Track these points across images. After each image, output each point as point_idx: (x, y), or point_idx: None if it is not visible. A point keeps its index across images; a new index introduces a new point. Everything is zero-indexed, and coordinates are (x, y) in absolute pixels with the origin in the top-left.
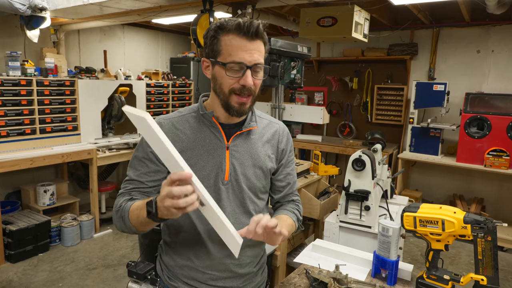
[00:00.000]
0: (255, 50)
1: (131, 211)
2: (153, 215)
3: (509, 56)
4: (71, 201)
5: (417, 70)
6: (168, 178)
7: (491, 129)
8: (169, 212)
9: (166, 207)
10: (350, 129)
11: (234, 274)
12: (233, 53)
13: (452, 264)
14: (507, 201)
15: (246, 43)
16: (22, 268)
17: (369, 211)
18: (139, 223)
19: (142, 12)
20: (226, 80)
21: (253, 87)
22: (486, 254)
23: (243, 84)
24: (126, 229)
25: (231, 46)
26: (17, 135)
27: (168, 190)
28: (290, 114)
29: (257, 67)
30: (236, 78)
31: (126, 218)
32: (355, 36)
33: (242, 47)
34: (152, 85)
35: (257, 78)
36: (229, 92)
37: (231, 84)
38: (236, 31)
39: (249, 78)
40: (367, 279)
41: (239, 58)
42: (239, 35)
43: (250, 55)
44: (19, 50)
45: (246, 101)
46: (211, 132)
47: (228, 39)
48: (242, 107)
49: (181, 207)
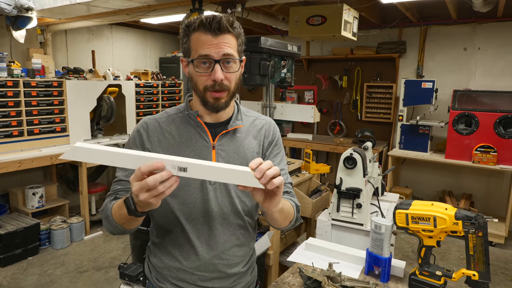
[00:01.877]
0: (221, 43)
1: (113, 210)
2: (133, 211)
3: (495, 53)
4: (61, 203)
5: (406, 68)
6: (136, 172)
7: (478, 125)
8: (148, 204)
9: (143, 200)
10: (340, 127)
11: (223, 275)
12: (199, 49)
13: (442, 259)
14: (495, 196)
15: (211, 38)
16: (12, 272)
17: (361, 208)
18: (123, 220)
19: (130, 11)
20: (198, 78)
21: (225, 82)
22: (477, 249)
23: (213, 79)
24: (113, 228)
25: (198, 42)
26: (4, 137)
27: (141, 184)
28: (281, 113)
29: (227, 60)
30: (207, 74)
31: (110, 217)
32: (344, 34)
33: (207, 42)
34: (141, 85)
35: (229, 71)
36: (203, 90)
37: (204, 82)
38: (200, 28)
39: (218, 72)
40: (361, 277)
41: (205, 52)
42: (204, 32)
43: (216, 49)
44: (5, 51)
45: (221, 96)
46: (197, 132)
47: (195, 36)
48: (217, 102)
49: (161, 193)
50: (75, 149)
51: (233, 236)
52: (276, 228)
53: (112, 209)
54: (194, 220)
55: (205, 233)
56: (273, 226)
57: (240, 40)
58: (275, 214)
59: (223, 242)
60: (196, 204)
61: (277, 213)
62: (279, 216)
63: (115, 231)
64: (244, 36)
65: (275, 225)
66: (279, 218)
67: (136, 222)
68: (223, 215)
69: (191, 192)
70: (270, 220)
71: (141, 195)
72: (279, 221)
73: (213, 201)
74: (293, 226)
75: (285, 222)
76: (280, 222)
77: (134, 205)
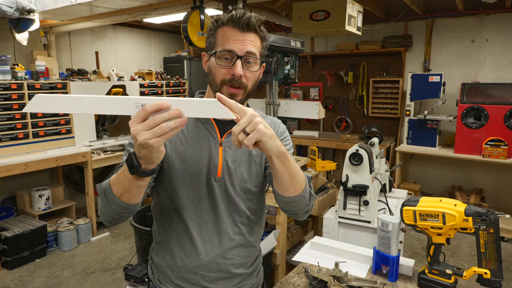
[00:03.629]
0: (247, 40)
1: (112, 180)
2: (136, 168)
3: (504, 45)
4: (67, 205)
5: (412, 62)
6: (139, 113)
7: (488, 119)
8: (151, 151)
9: (143, 141)
10: (347, 123)
11: (227, 275)
12: (224, 43)
13: (453, 256)
14: (506, 191)
15: (238, 34)
16: (19, 275)
17: (368, 205)
18: (123, 189)
19: (132, 11)
20: (218, 71)
21: (244, 79)
22: (488, 246)
23: (233, 73)
24: (109, 207)
25: (224, 37)
26: (9, 140)
27: (145, 123)
28: (285, 110)
29: (249, 58)
30: (227, 68)
31: (108, 189)
32: (349, 29)
33: (234, 37)
34: (145, 85)
35: (249, 70)
36: (220, 84)
37: (222, 75)
38: (229, 22)
39: (238, 67)
40: (368, 276)
41: (230, 47)
42: (232, 26)
43: (241, 45)
44: (9, 53)
45: (237, 93)
46: (206, 128)
47: (222, 31)
48: (232, 98)
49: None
50: (37, 99)
51: (238, 235)
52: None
53: (111, 179)
54: (198, 217)
55: (209, 231)
56: (284, 198)
57: (264, 44)
58: (279, 167)
59: (227, 241)
60: (201, 201)
61: (280, 165)
62: (284, 173)
63: (111, 211)
64: (268, 42)
65: (285, 191)
66: (285, 176)
67: (137, 191)
68: (228, 212)
69: (196, 188)
70: (278, 184)
71: (141, 134)
72: (288, 181)
73: (218, 197)
74: (307, 201)
75: (295, 185)
76: (289, 184)
77: (137, 160)
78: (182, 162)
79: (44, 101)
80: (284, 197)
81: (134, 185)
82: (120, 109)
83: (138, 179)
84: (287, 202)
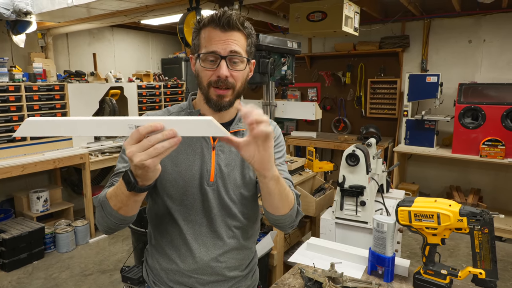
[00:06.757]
0: (229, 40)
1: (109, 193)
2: (133, 185)
3: (501, 45)
4: (65, 206)
5: (410, 62)
6: (133, 135)
7: (485, 119)
8: (147, 171)
9: (138, 162)
10: (345, 124)
11: (221, 278)
12: (207, 44)
13: (451, 256)
14: (504, 191)
15: (220, 34)
16: (17, 277)
17: (365, 206)
18: (120, 203)
19: (129, 12)
20: (203, 73)
21: (230, 79)
22: (483, 247)
23: (218, 75)
24: (107, 218)
25: (207, 38)
26: (7, 142)
27: (140, 145)
28: (282, 111)
29: (234, 57)
30: (212, 70)
31: (105, 202)
32: (346, 30)
33: (216, 38)
34: (143, 86)
35: (236, 69)
36: (207, 86)
37: (208, 77)
38: (210, 23)
39: (223, 68)
40: (363, 277)
41: (213, 48)
42: (213, 27)
43: (224, 45)
44: (6, 55)
45: (224, 94)
46: None
47: (205, 32)
48: (220, 99)
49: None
50: (27, 123)
51: (232, 239)
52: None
53: (107, 193)
54: (192, 221)
55: (203, 235)
56: (272, 215)
57: (250, 41)
58: (272, 187)
59: (222, 245)
60: (194, 205)
61: (274, 185)
62: (276, 192)
63: (109, 222)
64: (255, 38)
65: (274, 210)
66: (276, 196)
67: (134, 205)
68: (221, 217)
69: (189, 192)
70: (267, 203)
71: (136, 156)
72: (278, 202)
73: (211, 201)
74: (294, 218)
75: (284, 205)
76: (279, 205)
77: (134, 177)
78: (175, 166)
79: (35, 125)
80: (273, 215)
81: (132, 200)
82: (114, 131)
83: (135, 195)
84: (275, 219)
